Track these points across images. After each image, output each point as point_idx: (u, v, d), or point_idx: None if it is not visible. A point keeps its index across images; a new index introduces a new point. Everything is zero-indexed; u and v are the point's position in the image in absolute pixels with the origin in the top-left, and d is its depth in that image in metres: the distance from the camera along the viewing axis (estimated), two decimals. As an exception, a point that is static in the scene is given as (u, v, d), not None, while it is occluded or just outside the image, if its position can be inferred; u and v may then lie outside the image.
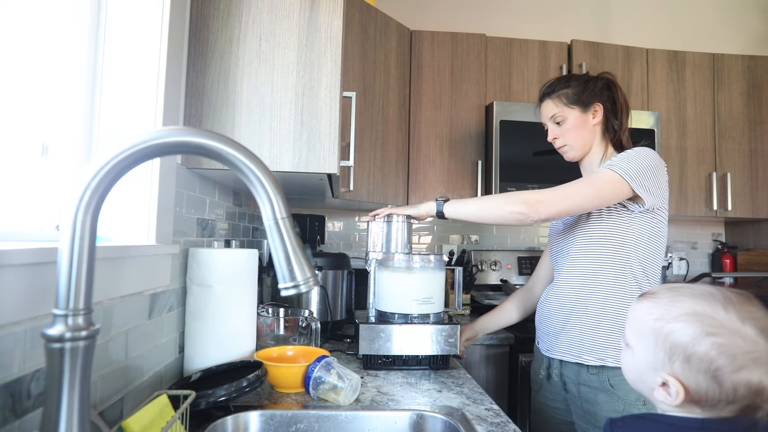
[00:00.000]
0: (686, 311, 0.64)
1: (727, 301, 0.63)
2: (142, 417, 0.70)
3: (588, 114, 1.32)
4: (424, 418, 1.00)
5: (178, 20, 1.12)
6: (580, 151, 1.34)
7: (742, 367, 0.60)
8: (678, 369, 0.63)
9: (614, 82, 1.36)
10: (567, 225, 1.34)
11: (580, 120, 1.32)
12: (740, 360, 0.60)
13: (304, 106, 1.22)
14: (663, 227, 1.25)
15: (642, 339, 0.68)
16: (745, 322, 0.61)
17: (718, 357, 0.60)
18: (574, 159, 1.37)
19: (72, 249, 0.52)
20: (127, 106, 1.02)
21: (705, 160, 2.40)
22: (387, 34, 2.03)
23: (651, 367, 0.66)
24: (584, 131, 1.33)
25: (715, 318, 0.62)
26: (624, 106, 1.34)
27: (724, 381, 0.61)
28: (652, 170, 1.19)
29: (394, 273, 1.36)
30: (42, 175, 0.88)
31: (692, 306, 0.64)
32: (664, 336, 0.65)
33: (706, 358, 0.61)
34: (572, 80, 1.35)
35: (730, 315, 0.62)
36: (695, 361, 0.62)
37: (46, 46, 0.88)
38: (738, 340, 0.61)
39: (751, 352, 0.60)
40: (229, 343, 1.18)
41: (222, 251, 1.20)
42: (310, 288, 0.60)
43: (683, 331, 0.63)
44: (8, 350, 0.58)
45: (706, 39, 2.82)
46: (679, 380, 0.63)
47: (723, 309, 0.63)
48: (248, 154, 0.58)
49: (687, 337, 0.63)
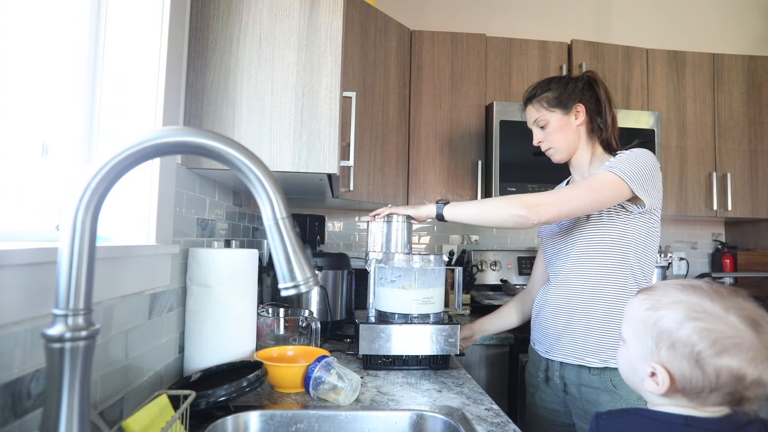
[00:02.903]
0: (674, 300, 0.67)
1: (715, 293, 0.66)
2: (142, 417, 0.70)
3: (570, 116, 1.32)
4: (424, 418, 1.00)
5: (178, 20, 1.12)
6: (565, 153, 1.34)
7: (723, 352, 0.61)
8: (664, 356, 0.65)
9: (595, 80, 1.35)
10: (563, 227, 1.33)
11: (562, 122, 1.32)
12: (722, 344, 0.61)
13: (304, 106, 1.22)
14: (658, 227, 1.26)
15: (634, 330, 0.70)
16: (729, 311, 0.63)
17: (700, 341, 0.62)
18: (561, 161, 1.37)
19: (72, 249, 0.52)
20: (127, 106, 1.02)
21: (705, 160, 2.40)
22: (387, 34, 2.03)
23: (641, 357, 0.68)
24: (567, 133, 1.32)
25: (700, 305, 0.64)
26: (607, 103, 1.32)
27: (706, 365, 0.62)
28: (650, 171, 1.20)
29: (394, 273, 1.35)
30: (42, 175, 0.88)
31: (680, 296, 0.67)
32: (652, 323, 0.67)
33: (689, 342, 0.63)
34: (552, 83, 1.35)
35: (716, 304, 0.64)
36: (679, 346, 0.64)
37: (46, 46, 0.88)
38: (721, 325, 0.62)
39: (733, 337, 0.61)
40: (229, 343, 1.18)
41: (222, 251, 1.20)
42: (310, 288, 0.60)
43: (669, 317, 0.65)
44: (8, 350, 0.58)
45: (706, 39, 2.82)
46: (665, 368, 0.65)
47: (710, 299, 0.65)
48: (248, 154, 0.58)
49: (672, 322, 0.65)
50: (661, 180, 1.25)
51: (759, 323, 0.62)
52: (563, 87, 1.33)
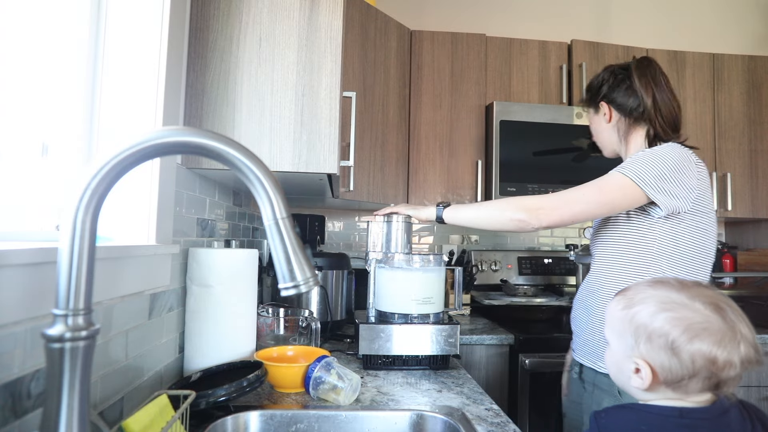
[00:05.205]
0: (645, 295, 0.73)
1: (681, 285, 0.72)
2: (142, 417, 0.70)
3: (599, 115, 1.30)
4: (424, 418, 1.00)
5: (178, 20, 1.12)
6: (608, 150, 1.33)
7: (694, 337, 0.66)
8: (644, 350, 0.70)
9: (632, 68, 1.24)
10: (596, 224, 1.29)
11: (596, 122, 1.32)
12: (693, 330, 0.67)
13: (304, 106, 1.22)
14: (696, 231, 1.13)
15: (615, 330, 0.75)
16: (694, 299, 0.69)
17: (672, 329, 0.67)
18: (611, 156, 1.35)
19: (72, 249, 0.52)
20: (127, 106, 1.02)
21: (705, 160, 2.38)
22: (387, 34, 2.03)
23: (625, 355, 0.73)
24: (603, 132, 1.31)
25: (668, 296, 0.70)
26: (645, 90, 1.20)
27: (681, 352, 0.67)
28: (672, 170, 1.09)
29: (394, 273, 1.35)
30: (42, 175, 0.88)
31: (650, 291, 0.73)
32: (629, 320, 0.72)
33: (663, 332, 0.68)
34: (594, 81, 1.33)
35: (682, 294, 0.70)
36: (655, 337, 0.69)
37: (46, 46, 0.88)
38: (689, 312, 0.68)
39: (701, 322, 0.67)
40: (230, 343, 1.18)
41: (222, 251, 1.20)
42: (310, 288, 0.60)
43: (642, 312, 0.71)
44: (8, 350, 0.58)
45: (706, 39, 2.82)
46: (646, 362, 0.70)
47: (676, 291, 0.71)
48: (248, 154, 0.58)
49: (645, 316, 0.70)
50: (697, 178, 1.12)
51: (722, 307, 0.68)
52: (595, 85, 1.31)
